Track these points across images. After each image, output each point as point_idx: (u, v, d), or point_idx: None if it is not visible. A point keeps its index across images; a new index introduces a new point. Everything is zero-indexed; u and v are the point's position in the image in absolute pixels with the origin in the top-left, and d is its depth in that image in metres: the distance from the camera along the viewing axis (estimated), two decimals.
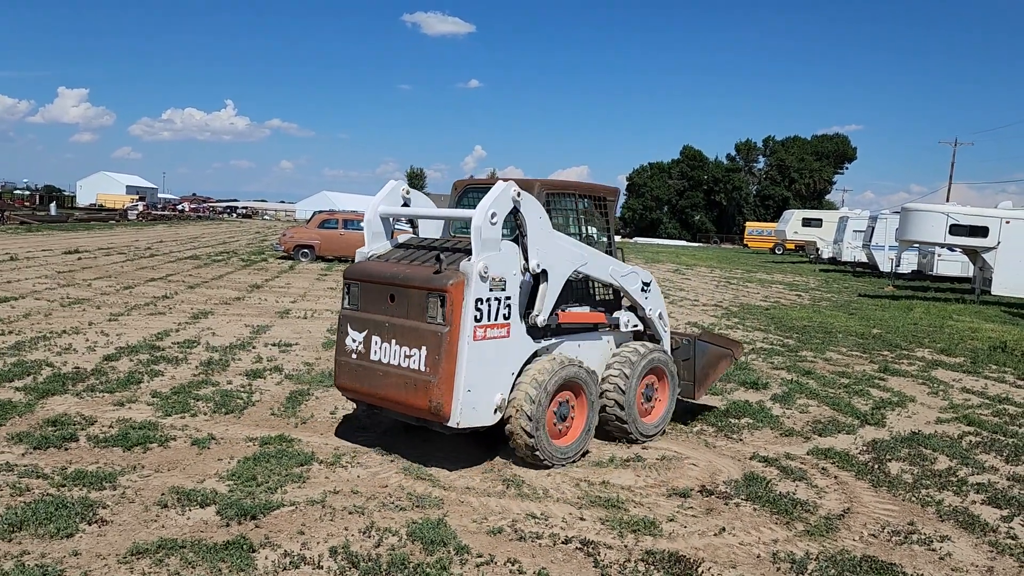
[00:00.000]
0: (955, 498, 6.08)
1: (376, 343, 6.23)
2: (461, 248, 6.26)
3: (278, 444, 6.48)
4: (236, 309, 14.38)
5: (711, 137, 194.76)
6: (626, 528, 5.13)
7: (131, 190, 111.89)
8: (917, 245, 28.63)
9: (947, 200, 43.65)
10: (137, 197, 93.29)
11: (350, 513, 5.16)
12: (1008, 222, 22.01)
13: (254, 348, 10.64)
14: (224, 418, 7.25)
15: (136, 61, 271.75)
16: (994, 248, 21.99)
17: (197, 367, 9.25)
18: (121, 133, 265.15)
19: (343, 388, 6.69)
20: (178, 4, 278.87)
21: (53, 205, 59.08)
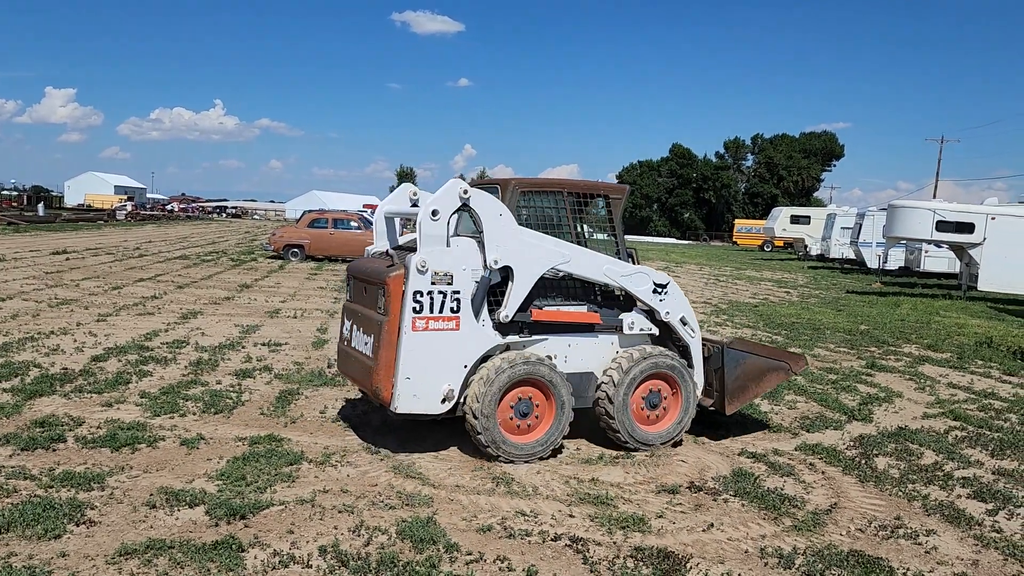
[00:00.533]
0: (941, 492, 6.13)
1: (354, 331, 6.77)
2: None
3: (267, 444, 6.47)
4: (225, 309, 14.33)
5: (700, 135, 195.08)
6: (615, 525, 5.16)
7: (120, 190, 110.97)
8: (904, 242, 28.82)
9: (934, 197, 44.02)
10: (126, 197, 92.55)
11: (339, 512, 5.17)
12: (994, 218, 22.19)
13: (243, 348, 10.62)
14: (213, 418, 7.24)
15: (124, 61, 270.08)
16: (980, 244, 22.15)
17: (186, 367, 9.23)
18: (109, 133, 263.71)
19: (341, 372, 7.47)
20: (166, 3, 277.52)
21: (41, 205, 58.71)
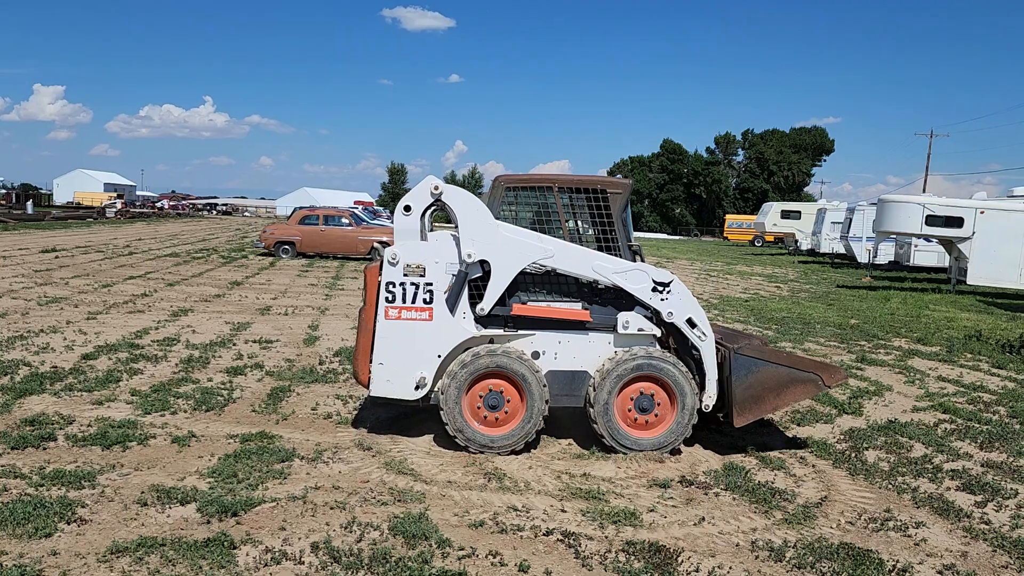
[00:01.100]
0: (931, 485, 6.18)
1: None
2: None
3: (259, 441, 6.46)
4: (216, 306, 14.28)
5: (691, 130, 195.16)
6: (607, 519, 5.17)
7: (109, 188, 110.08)
8: (894, 236, 28.97)
9: (924, 191, 44.14)
10: (115, 195, 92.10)
11: (331, 508, 5.17)
12: (983, 212, 22.31)
13: (235, 345, 10.59)
14: (204, 415, 7.22)
15: (113, 58, 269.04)
16: (969, 238, 22.28)
17: (177, 365, 9.20)
18: (98, 130, 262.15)
19: None
20: (155, 0, 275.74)
21: (30, 203, 58.33)
